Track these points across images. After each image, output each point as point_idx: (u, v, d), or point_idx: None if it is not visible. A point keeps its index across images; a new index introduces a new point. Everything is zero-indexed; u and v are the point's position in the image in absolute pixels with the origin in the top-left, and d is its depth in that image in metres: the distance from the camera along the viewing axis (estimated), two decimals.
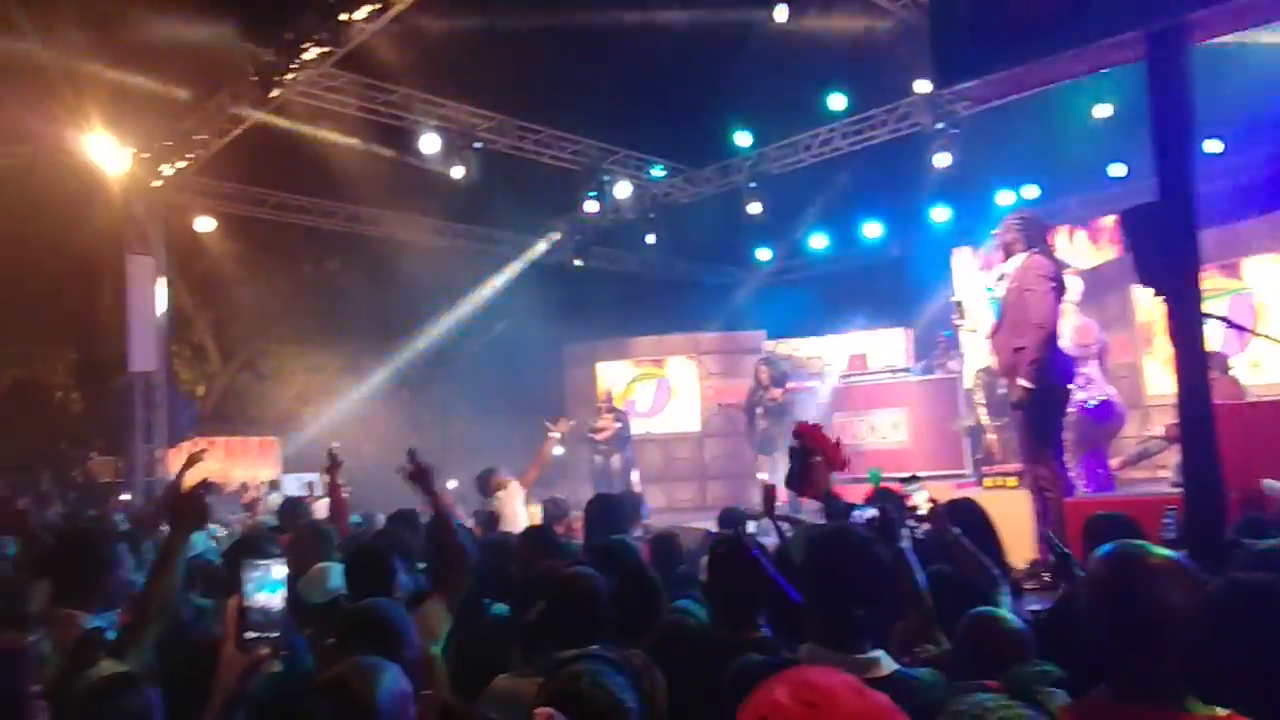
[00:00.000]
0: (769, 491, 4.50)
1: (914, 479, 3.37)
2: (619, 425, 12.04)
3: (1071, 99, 10.20)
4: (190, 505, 2.77)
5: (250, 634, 1.81)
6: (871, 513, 3.13)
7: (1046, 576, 5.15)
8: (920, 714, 1.95)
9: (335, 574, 3.46)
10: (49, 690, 1.83)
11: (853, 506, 3.37)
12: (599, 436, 11.95)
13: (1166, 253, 2.77)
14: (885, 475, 4.02)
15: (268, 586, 1.84)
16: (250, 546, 4.10)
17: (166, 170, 11.42)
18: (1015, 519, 5.49)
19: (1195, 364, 2.72)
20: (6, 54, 9.68)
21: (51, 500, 12.13)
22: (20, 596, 3.98)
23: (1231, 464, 2.94)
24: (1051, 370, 5.02)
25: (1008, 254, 5.38)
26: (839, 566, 2.29)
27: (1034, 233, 5.33)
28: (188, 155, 11.23)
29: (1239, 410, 5.27)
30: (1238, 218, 9.35)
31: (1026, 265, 5.20)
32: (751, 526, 4.60)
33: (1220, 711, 1.61)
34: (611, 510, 5.12)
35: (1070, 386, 5.27)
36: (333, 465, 5.27)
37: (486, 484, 7.26)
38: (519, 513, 6.85)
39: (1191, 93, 2.70)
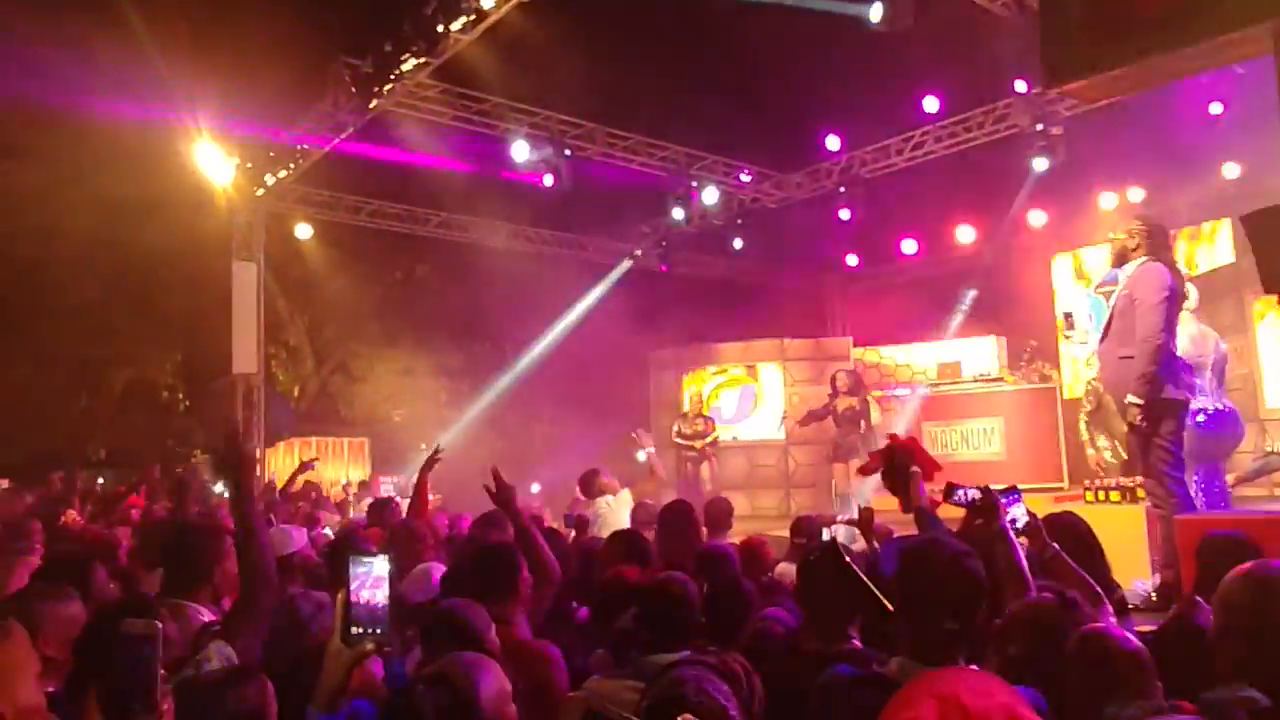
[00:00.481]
0: (867, 515, 4.44)
1: (1013, 491, 3.26)
2: (712, 432, 11.98)
3: (1180, 95, 9.76)
4: (228, 452, 2.84)
5: (355, 629, 1.85)
6: (974, 493, 3.07)
7: (1154, 596, 4.94)
8: None
9: (438, 573, 3.53)
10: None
11: (955, 487, 3.30)
12: (699, 445, 11.84)
13: None
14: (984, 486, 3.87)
15: (372, 583, 1.87)
16: (350, 545, 4.23)
17: (269, 179, 11.86)
18: (1120, 535, 5.28)
19: None
20: (124, 70, 10.22)
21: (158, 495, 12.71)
22: (137, 584, 4.17)
23: None
24: (1165, 383, 4.79)
25: (1121, 260, 5.13)
26: (932, 579, 2.24)
27: (1156, 239, 5.01)
28: (289, 164, 11.65)
29: None
30: None
31: (1140, 273, 4.95)
32: (825, 534, 4.54)
33: None
34: (684, 517, 5.09)
35: (1187, 398, 4.99)
36: (429, 461, 5.32)
37: (591, 485, 7.06)
38: (624, 523, 6.67)
39: None
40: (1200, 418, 6.12)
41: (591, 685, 2.79)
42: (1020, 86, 9.66)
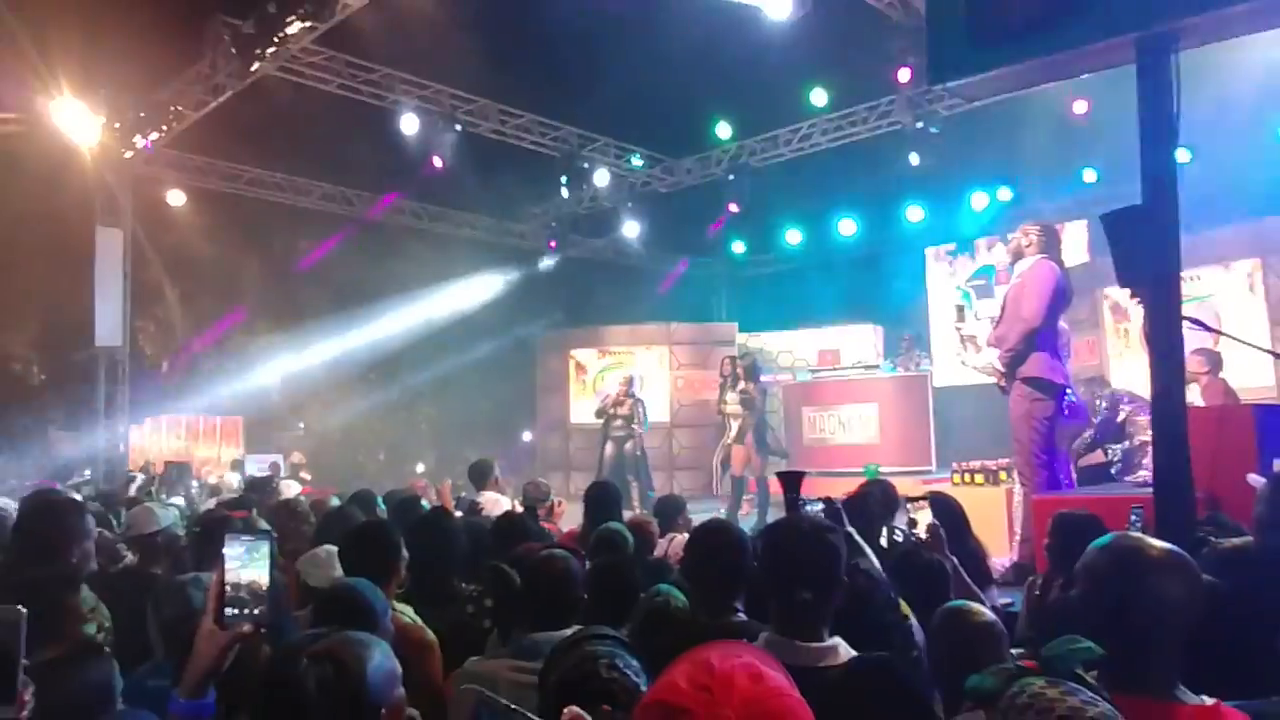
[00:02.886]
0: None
1: (924, 499, 3.44)
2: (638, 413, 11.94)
3: (1047, 103, 10.30)
4: None
5: (231, 610, 1.76)
6: (819, 506, 3.22)
7: (1010, 572, 5.27)
8: (880, 698, 1.99)
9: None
10: None
11: (801, 501, 3.42)
12: (634, 426, 11.77)
13: (1147, 255, 2.82)
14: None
15: (254, 563, 1.80)
16: (216, 523, 4.08)
17: (139, 141, 11.23)
18: (983, 514, 5.59)
19: (1171, 366, 2.77)
20: None
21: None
22: None
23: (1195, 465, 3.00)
24: (1031, 365, 5.14)
25: (1016, 257, 5.57)
26: (789, 552, 2.32)
27: (1048, 241, 5.54)
28: (161, 127, 11.05)
29: (1204, 412, 5.39)
30: (1203, 227, 9.54)
31: (1033, 266, 5.40)
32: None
33: (1207, 700, 1.63)
34: (613, 496, 5.14)
35: (1058, 384, 5.36)
36: None
37: (483, 479, 6.78)
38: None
39: (1176, 98, 2.75)
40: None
41: (471, 665, 2.77)
42: (903, 84, 9.97)
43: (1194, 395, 6.51)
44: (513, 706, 1.20)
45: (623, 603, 3.15)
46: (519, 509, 6.23)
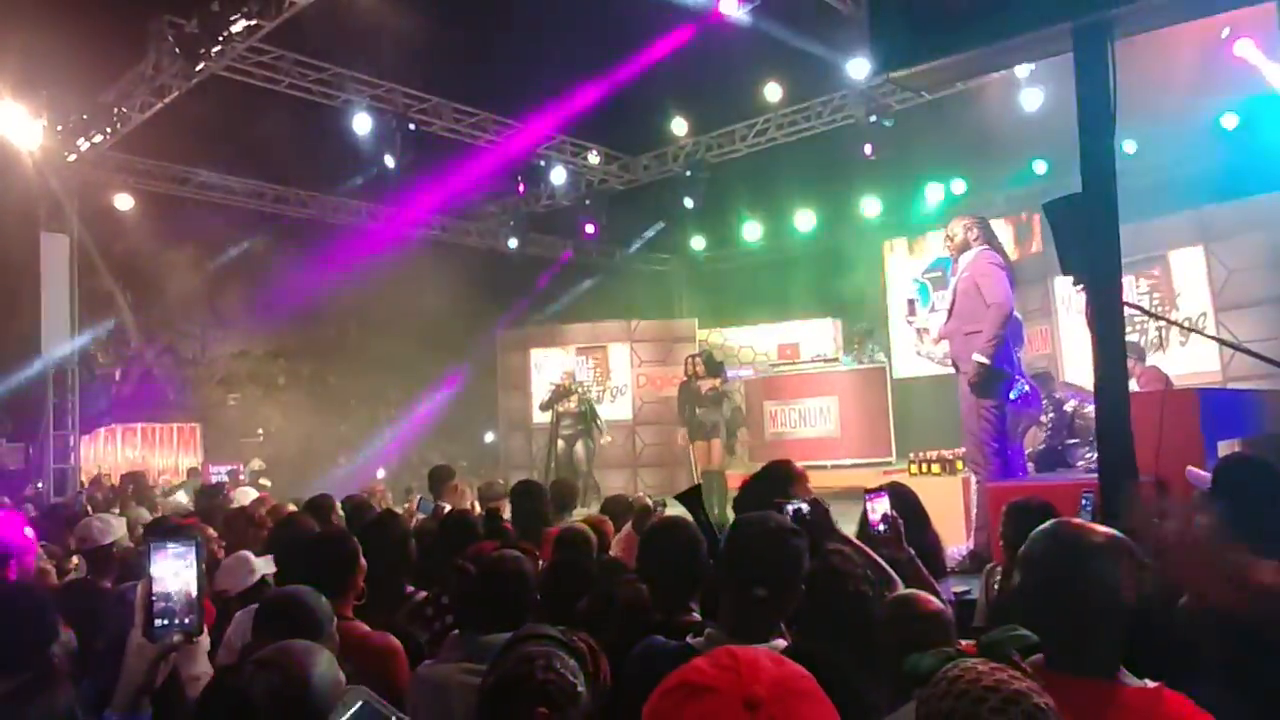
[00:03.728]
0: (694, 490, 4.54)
1: (878, 491, 3.44)
2: (583, 408, 11.91)
3: (999, 95, 10.42)
4: None
5: (160, 622, 1.72)
6: (803, 506, 3.20)
7: (967, 560, 5.32)
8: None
9: (256, 561, 3.39)
10: None
11: (782, 503, 3.40)
12: (596, 420, 11.75)
13: (1088, 243, 2.85)
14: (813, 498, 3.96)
15: (181, 572, 1.75)
16: (159, 532, 4.00)
17: (83, 144, 10.97)
18: (940, 503, 5.64)
19: (1114, 352, 2.80)
20: None
21: None
22: None
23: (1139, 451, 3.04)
24: (998, 353, 5.20)
25: (962, 249, 5.61)
26: (750, 546, 2.32)
27: (985, 232, 5.63)
28: (106, 129, 10.80)
29: (1148, 397, 5.48)
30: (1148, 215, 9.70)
31: (978, 257, 5.43)
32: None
33: (1150, 683, 1.64)
34: (538, 496, 5.09)
35: (1012, 374, 5.42)
36: None
37: (442, 485, 6.69)
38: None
39: (1114, 86, 2.78)
40: (1013, 394, 6.64)
41: (424, 670, 2.74)
42: (857, 71, 10.01)
43: (1131, 387, 6.62)
44: (389, 709, 1.21)
45: (575, 603, 3.13)
46: (478, 509, 6.18)
